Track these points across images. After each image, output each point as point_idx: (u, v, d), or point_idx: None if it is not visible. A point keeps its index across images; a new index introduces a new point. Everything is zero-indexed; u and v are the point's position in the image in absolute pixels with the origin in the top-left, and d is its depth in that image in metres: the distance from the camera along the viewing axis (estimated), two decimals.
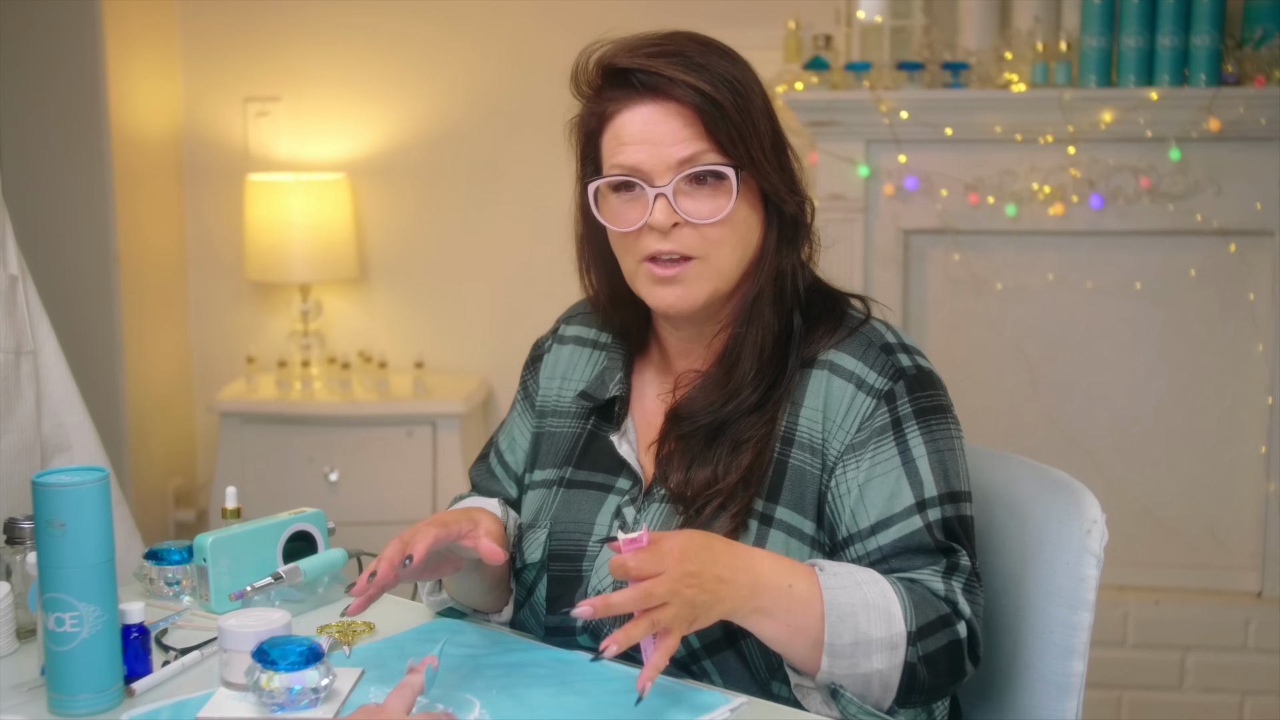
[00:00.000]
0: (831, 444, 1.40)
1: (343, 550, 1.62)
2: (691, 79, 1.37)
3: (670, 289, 1.41)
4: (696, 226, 1.39)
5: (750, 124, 1.39)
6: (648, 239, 1.40)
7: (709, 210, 1.39)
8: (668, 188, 1.38)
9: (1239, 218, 2.89)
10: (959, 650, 1.33)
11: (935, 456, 1.39)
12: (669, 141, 1.37)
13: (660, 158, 1.38)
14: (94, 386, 2.51)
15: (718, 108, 1.37)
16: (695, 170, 1.38)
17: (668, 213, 1.38)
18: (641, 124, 1.38)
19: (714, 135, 1.38)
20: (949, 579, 1.35)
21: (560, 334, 1.63)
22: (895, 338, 1.45)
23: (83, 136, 3.30)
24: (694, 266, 1.40)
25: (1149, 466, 3.03)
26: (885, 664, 1.30)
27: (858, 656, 1.29)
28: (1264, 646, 2.94)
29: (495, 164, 3.47)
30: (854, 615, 1.29)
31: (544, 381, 1.60)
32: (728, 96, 1.38)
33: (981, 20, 2.98)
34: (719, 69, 1.39)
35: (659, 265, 1.40)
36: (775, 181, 1.42)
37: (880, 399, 1.40)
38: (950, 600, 1.34)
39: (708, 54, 1.40)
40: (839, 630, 1.29)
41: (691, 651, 1.39)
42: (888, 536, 1.36)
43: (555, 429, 1.57)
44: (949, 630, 1.32)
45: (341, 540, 1.68)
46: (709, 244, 1.39)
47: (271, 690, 1.23)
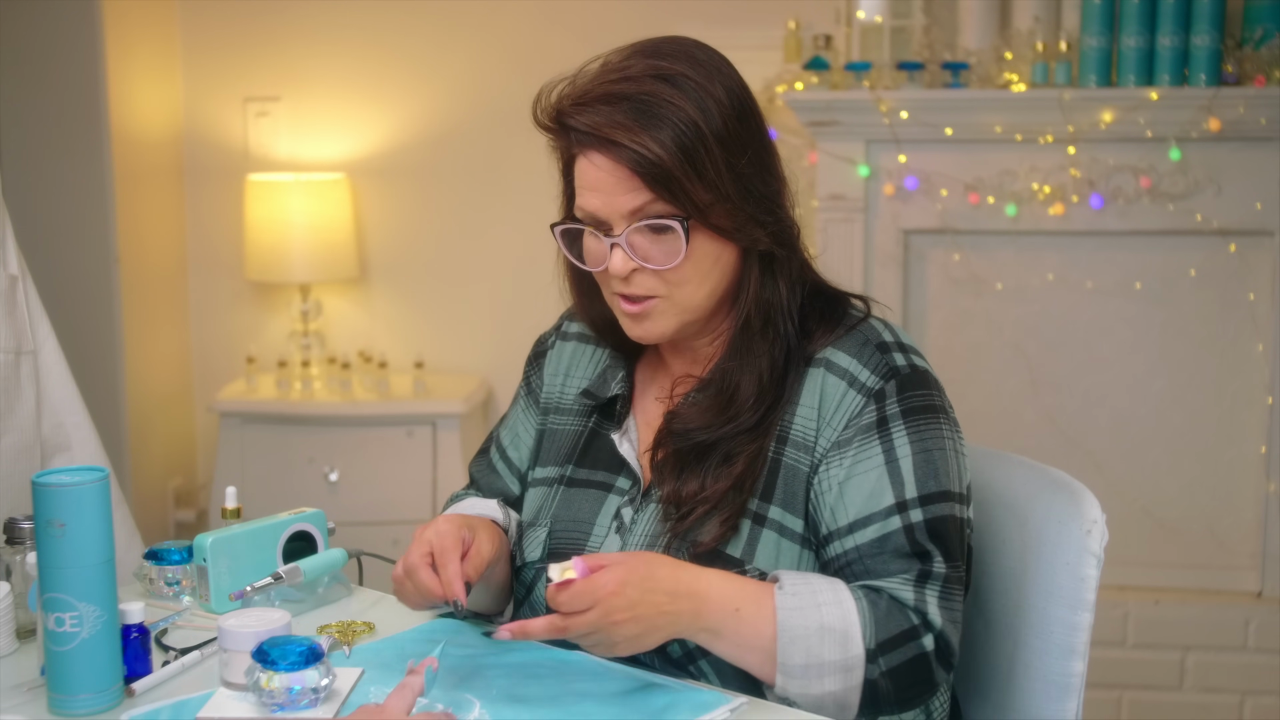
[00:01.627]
0: (820, 440, 1.40)
1: (343, 550, 1.62)
2: (629, 140, 1.33)
3: (639, 324, 1.42)
4: (654, 271, 1.38)
5: (699, 171, 1.35)
6: (612, 280, 1.41)
7: (663, 256, 1.38)
8: (621, 237, 1.37)
9: (1239, 218, 2.89)
10: (925, 663, 1.33)
11: (921, 456, 1.38)
12: (618, 191, 1.36)
13: (613, 207, 1.37)
14: (94, 386, 2.51)
15: (656, 167, 1.34)
16: (643, 223, 1.37)
17: (624, 261, 1.38)
18: (595, 171, 1.37)
19: (656, 189, 1.35)
20: (920, 587, 1.34)
21: (564, 331, 1.63)
22: (892, 336, 1.44)
23: (83, 136, 3.30)
24: (658, 304, 1.41)
25: (1149, 466, 3.03)
26: (840, 685, 1.31)
27: (809, 678, 1.30)
28: (1264, 646, 2.94)
29: (495, 164, 3.47)
30: (806, 638, 1.30)
31: (548, 378, 1.61)
32: (670, 150, 1.34)
33: (981, 20, 2.98)
34: (668, 114, 1.34)
35: (628, 303, 1.41)
36: (738, 220, 1.38)
37: (870, 397, 1.39)
38: (920, 610, 1.33)
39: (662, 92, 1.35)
40: (790, 651, 1.30)
41: (688, 652, 1.39)
42: (865, 535, 1.36)
43: (558, 426, 1.57)
44: (914, 644, 1.32)
45: (341, 540, 1.68)
46: (669, 284, 1.39)
47: (271, 690, 1.23)
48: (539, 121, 1.43)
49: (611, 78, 1.37)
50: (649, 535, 1.43)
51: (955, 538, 1.38)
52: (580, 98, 1.38)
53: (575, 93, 1.39)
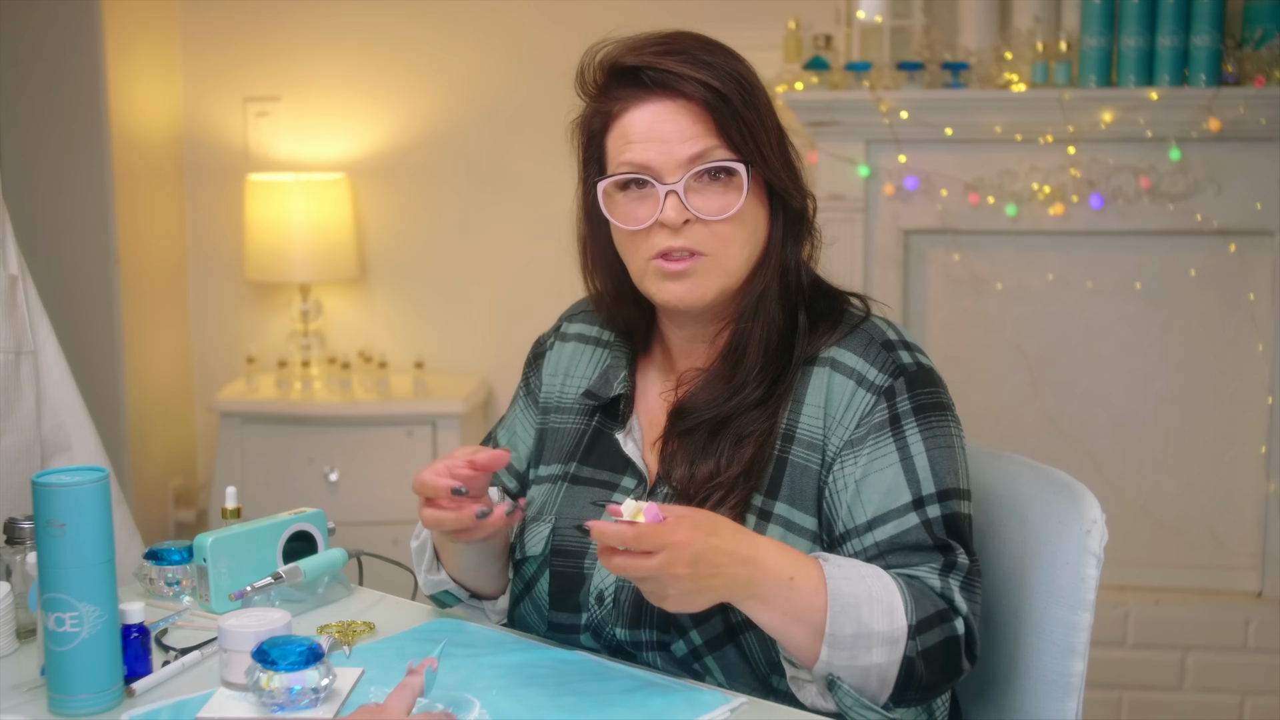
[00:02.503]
0: (831, 439, 1.40)
1: (343, 550, 1.62)
2: (700, 75, 1.37)
3: (680, 284, 1.41)
4: (707, 223, 1.39)
5: (758, 120, 1.40)
6: (658, 236, 1.40)
7: (719, 206, 1.39)
8: (678, 185, 1.38)
9: (1239, 218, 2.89)
10: (956, 647, 1.33)
11: (934, 454, 1.38)
12: (678, 138, 1.38)
13: (670, 154, 1.38)
14: (94, 386, 2.51)
15: (726, 103, 1.38)
16: (706, 166, 1.38)
17: (679, 209, 1.38)
18: (650, 121, 1.39)
19: (723, 131, 1.38)
20: (946, 576, 1.35)
21: (563, 331, 1.63)
22: (897, 335, 1.45)
23: (83, 136, 3.30)
24: (704, 262, 1.40)
25: (1149, 466, 3.03)
26: (885, 658, 1.29)
27: (858, 649, 1.29)
28: (1264, 646, 2.94)
29: (495, 164, 3.47)
30: (857, 607, 1.29)
31: (547, 379, 1.61)
32: (735, 92, 1.39)
33: (981, 20, 2.98)
34: (725, 66, 1.40)
35: (669, 260, 1.40)
36: (783, 177, 1.43)
37: (880, 395, 1.40)
38: (947, 597, 1.34)
39: (713, 52, 1.41)
40: (841, 621, 1.28)
41: (693, 649, 1.39)
42: (884, 533, 1.36)
43: (559, 425, 1.57)
44: (946, 626, 1.32)
45: (341, 540, 1.68)
46: (719, 240, 1.40)
47: (271, 690, 1.23)
48: (586, 82, 1.44)
49: (661, 38, 1.42)
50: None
51: (968, 532, 1.39)
52: (640, 49, 1.41)
53: (630, 46, 1.42)
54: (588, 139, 1.47)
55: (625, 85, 1.41)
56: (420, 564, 1.57)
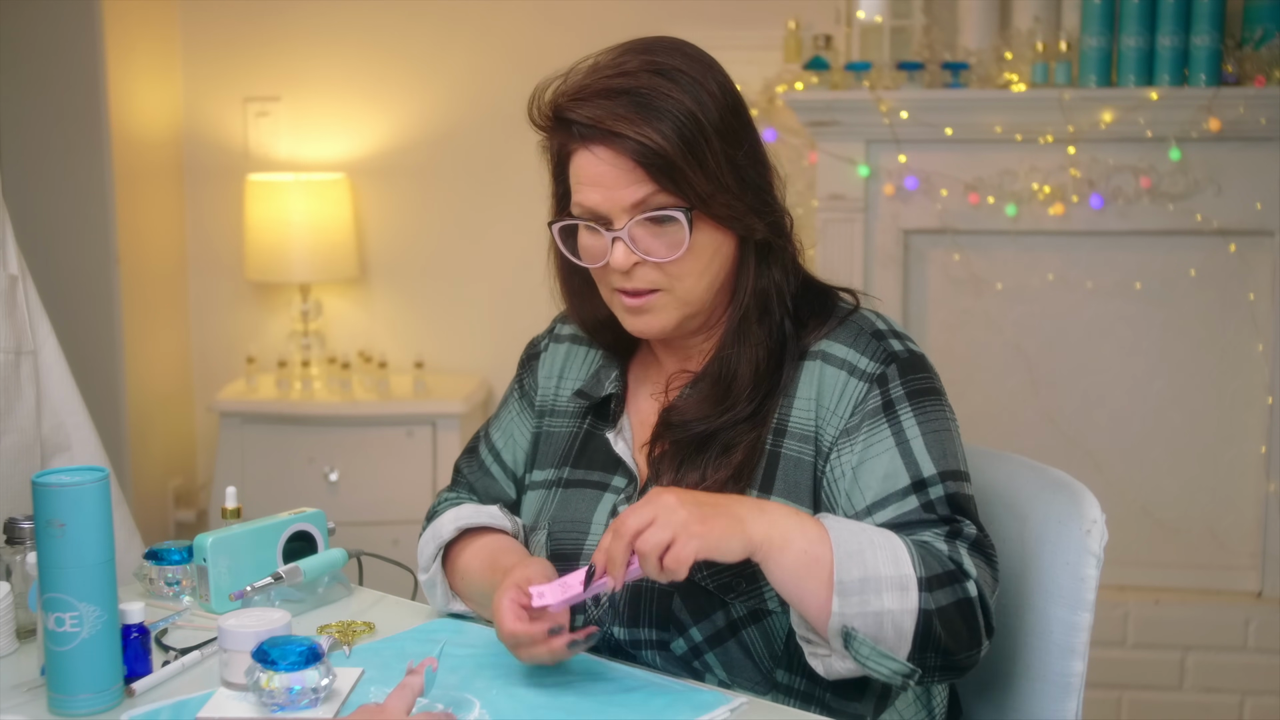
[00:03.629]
0: (826, 430, 1.40)
1: (343, 550, 1.62)
2: (631, 131, 1.34)
3: (640, 318, 1.42)
4: (656, 264, 1.39)
5: (700, 161, 1.36)
6: (613, 275, 1.41)
7: (665, 248, 1.38)
8: (623, 231, 1.38)
9: (1239, 218, 2.89)
10: (972, 610, 1.30)
11: (931, 437, 1.38)
12: (620, 185, 1.37)
13: (614, 200, 1.37)
14: (94, 386, 2.51)
15: (660, 156, 1.35)
16: (646, 215, 1.37)
17: (626, 254, 1.38)
18: (593, 166, 1.38)
19: (659, 180, 1.36)
20: (952, 541, 1.34)
21: (556, 333, 1.63)
22: (886, 324, 1.45)
23: (83, 136, 3.30)
24: (661, 297, 1.41)
25: (1149, 466, 3.03)
26: (896, 605, 1.27)
27: (867, 593, 1.26)
28: (1264, 646, 2.94)
29: (495, 164, 3.47)
30: (860, 552, 1.27)
31: (542, 380, 1.61)
32: (673, 141, 1.35)
33: (981, 20, 2.98)
34: (667, 107, 1.36)
35: (626, 296, 1.42)
36: (737, 210, 1.40)
37: (872, 382, 1.40)
38: (955, 560, 1.32)
39: (660, 86, 1.36)
40: (847, 566, 1.26)
41: (693, 646, 1.39)
42: (884, 516, 1.36)
43: (553, 428, 1.57)
44: (958, 587, 1.30)
45: (341, 540, 1.68)
46: (672, 277, 1.40)
47: (271, 690, 1.23)
48: (535, 120, 1.44)
49: (608, 73, 1.39)
50: None
51: (973, 511, 1.39)
52: (579, 93, 1.39)
53: (572, 88, 1.40)
54: (555, 166, 1.47)
55: (574, 126, 1.39)
56: (433, 595, 1.56)
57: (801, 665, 1.39)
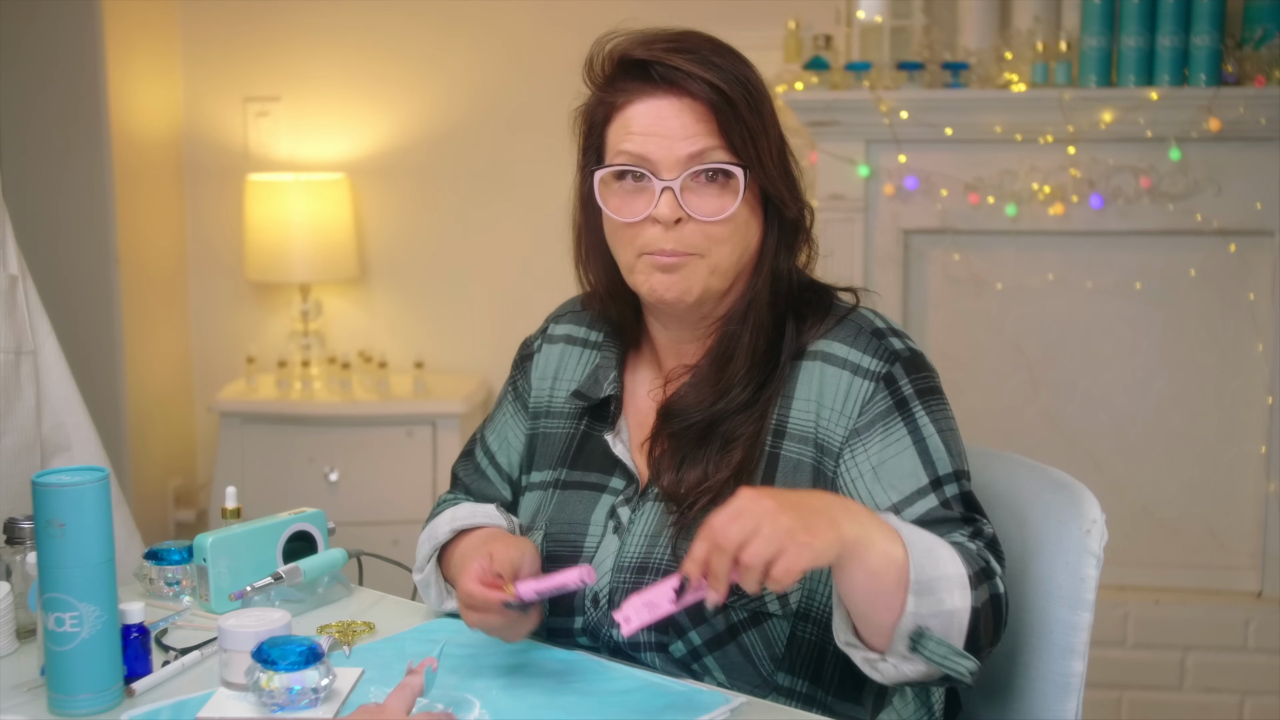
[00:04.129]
0: (832, 432, 1.40)
1: (343, 550, 1.62)
2: (709, 75, 1.37)
3: (668, 277, 1.40)
4: (700, 223, 1.38)
5: (761, 127, 1.40)
6: (650, 232, 1.39)
7: (714, 208, 1.38)
8: (675, 182, 1.37)
9: (1239, 218, 2.89)
10: (1001, 606, 1.31)
11: (943, 436, 1.39)
12: (680, 135, 1.37)
13: (670, 150, 1.37)
14: (94, 386, 2.51)
15: (731, 106, 1.37)
16: (704, 167, 1.38)
17: (673, 207, 1.37)
18: (654, 116, 1.38)
19: (725, 133, 1.38)
20: (977, 541, 1.35)
21: (549, 333, 1.62)
22: (884, 323, 1.45)
23: (83, 136, 3.30)
24: (694, 261, 1.40)
25: (1149, 466, 3.03)
26: (962, 602, 1.26)
27: (940, 592, 1.24)
28: (1264, 646, 2.94)
29: (495, 164, 3.47)
30: (931, 550, 1.26)
31: (535, 382, 1.60)
32: (741, 97, 1.38)
33: (981, 20, 2.98)
34: (734, 70, 1.39)
35: (660, 254, 1.40)
36: (780, 186, 1.42)
37: (879, 381, 1.40)
38: (984, 557, 1.32)
39: (722, 54, 1.40)
40: (923, 564, 1.24)
41: (693, 649, 1.39)
42: (910, 515, 1.35)
43: (549, 430, 1.56)
44: (991, 583, 1.30)
45: (341, 540, 1.68)
46: (711, 241, 1.39)
47: (271, 690, 1.23)
48: (598, 71, 1.43)
49: (670, 34, 1.41)
50: (649, 534, 1.43)
51: (982, 508, 1.40)
52: (650, 43, 1.40)
53: (640, 40, 1.41)
54: (589, 127, 1.46)
55: (632, 78, 1.40)
56: (428, 595, 1.55)
57: (803, 667, 1.39)
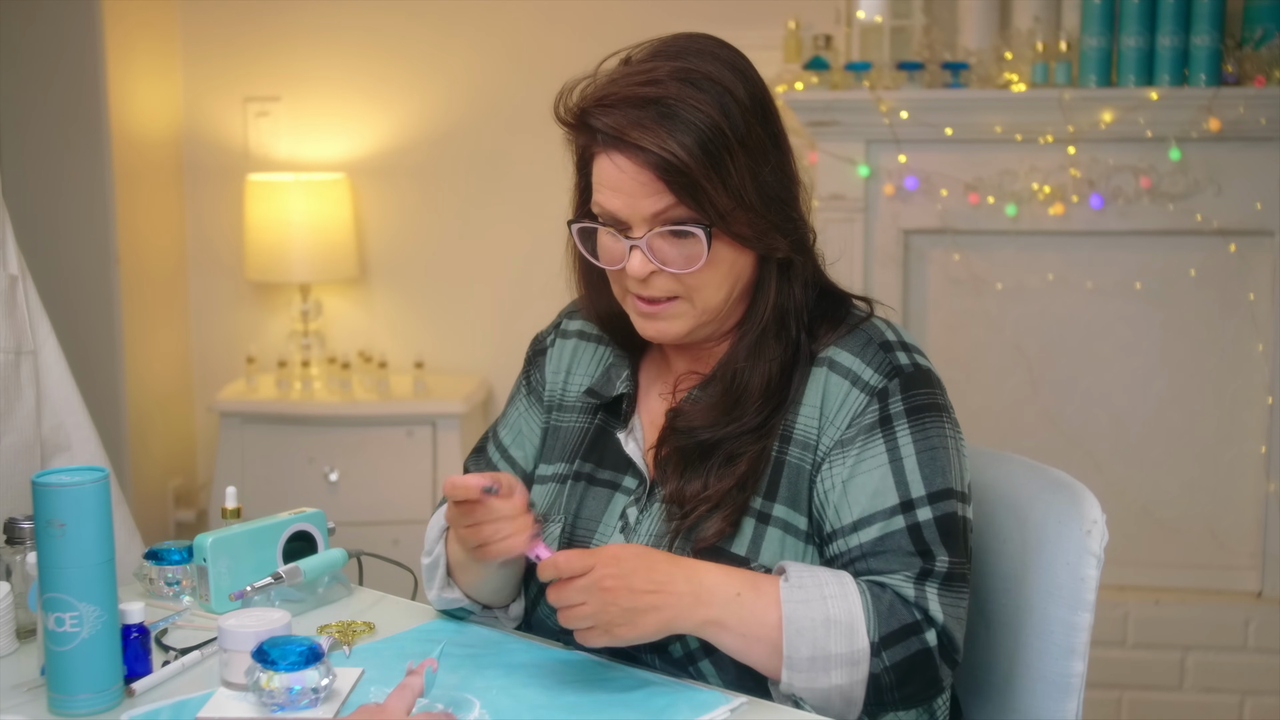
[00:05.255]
0: (823, 439, 1.40)
1: (343, 550, 1.62)
2: (653, 144, 1.33)
3: (654, 324, 1.42)
4: (674, 274, 1.38)
5: (723, 177, 1.34)
6: (629, 280, 1.40)
7: (685, 260, 1.37)
8: (641, 241, 1.37)
9: (1239, 218, 2.89)
10: (928, 658, 1.32)
11: (926, 455, 1.38)
12: (641, 194, 1.35)
13: (634, 209, 1.36)
14: (94, 386, 2.50)
15: (681, 172, 1.33)
16: (665, 228, 1.36)
17: (643, 263, 1.37)
18: (616, 172, 1.36)
19: (679, 194, 1.35)
20: (921, 584, 1.34)
21: (563, 329, 1.62)
22: (895, 336, 1.44)
23: (83, 136, 3.30)
24: (678, 305, 1.40)
25: (1149, 466, 3.03)
26: (846, 679, 1.30)
27: (816, 671, 1.29)
28: (1264, 646, 2.94)
29: (495, 164, 3.47)
30: (812, 630, 1.29)
31: (549, 376, 1.60)
32: (695, 155, 1.33)
33: (981, 20, 2.98)
34: (693, 119, 1.34)
35: (642, 302, 1.41)
36: (759, 228, 1.38)
37: (873, 396, 1.39)
38: (921, 606, 1.33)
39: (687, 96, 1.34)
40: (796, 644, 1.29)
41: (689, 653, 1.39)
42: (869, 534, 1.36)
43: (562, 423, 1.57)
44: (917, 639, 1.32)
45: (341, 540, 1.68)
46: (689, 288, 1.39)
47: (271, 690, 1.23)
48: (561, 118, 1.42)
49: (637, 80, 1.36)
50: (653, 535, 1.43)
51: (960, 535, 1.38)
52: (604, 98, 1.37)
53: (599, 93, 1.38)
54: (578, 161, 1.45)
55: (597, 132, 1.37)
56: (432, 581, 1.54)
57: None
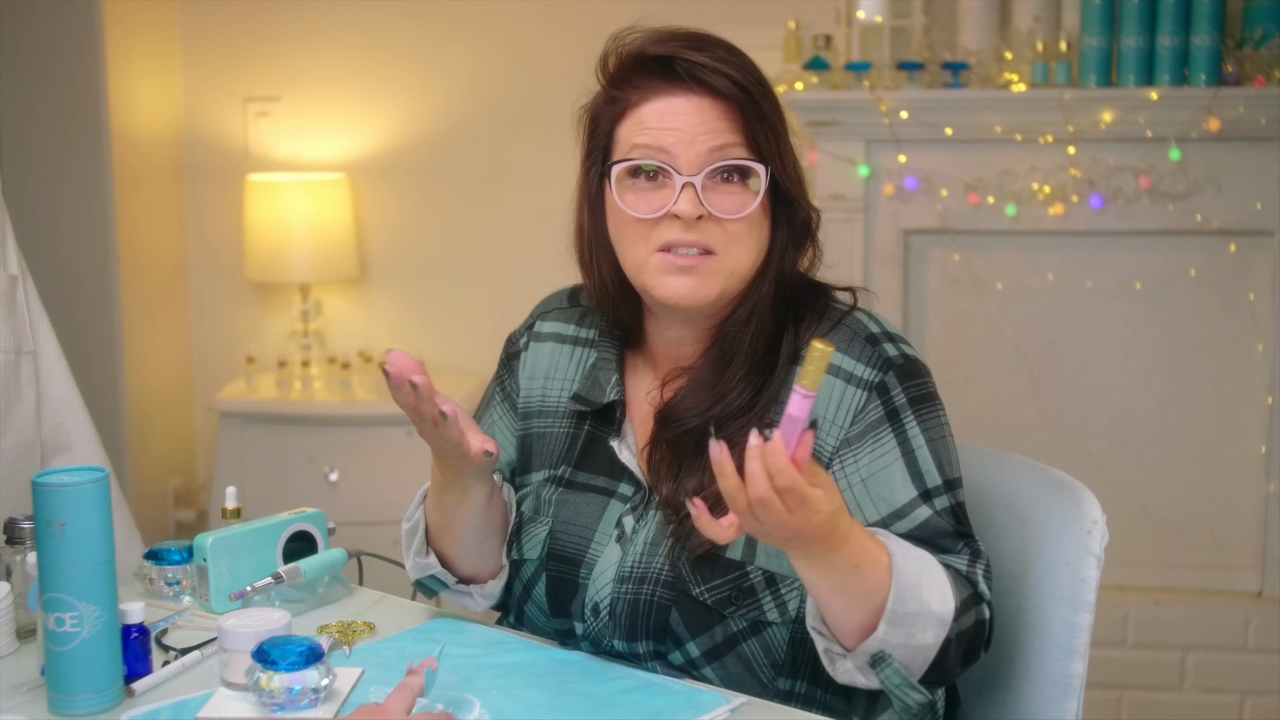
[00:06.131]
0: (823, 440, 1.39)
1: (343, 550, 1.62)
2: (732, 72, 1.37)
3: (684, 279, 1.38)
4: (720, 221, 1.37)
5: (779, 125, 1.40)
6: (667, 228, 1.37)
7: (734, 205, 1.37)
8: (697, 178, 1.36)
9: (1239, 218, 2.89)
10: (982, 632, 1.33)
11: (934, 445, 1.38)
12: (701, 130, 1.36)
13: (690, 146, 1.36)
14: (94, 386, 2.50)
15: (754, 103, 1.37)
16: (725, 163, 1.36)
17: (694, 203, 1.35)
18: (673, 113, 1.37)
19: (748, 130, 1.37)
20: (973, 563, 1.35)
21: (536, 330, 1.59)
22: (879, 327, 1.44)
23: (83, 136, 3.30)
24: (713, 261, 1.38)
25: (1149, 466, 3.03)
26: (934, 639, 1.27)
27: (915, 628, 1.26)
28: (1264, 646, 2.94)
29: (495, 164, 3.47)
30: (919, 585, 1.26)
31: (524, 382, 1.57)
32: (762, 95, 1.38)
33: (981, 20, 2.98)
34: (751, 68, 1.39)
35: (678, 255, 1.38)
36: (798, 184, 1.43)
37: (872, 391, 1.39)
38: (973, 581, 1.33)
39: (737, 55, 1.40)
40: (905, 598, 1.25)
41: (690, 660, 1.38)
42: (901, 529, 1.35)
43: (545, 429, 1.54)
44: (977, 610, 1.32)
45: (341, 540, 1.68)
46: (730, 239, 1.38)
47: (271, 690, 1.23)
48: (614, 68, 1.41)
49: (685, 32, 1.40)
50: (650, 542, 1.42)
51: (968, 520, 1.39)
52: (668, 41, 1.38)
53: (659, 37, 1.40)
54: (594, 125, 1.44)
55: (649, 75, 1.38)
56: (410, 546, 1.52)
57: (804, 670, 1.38)
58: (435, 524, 1.50)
